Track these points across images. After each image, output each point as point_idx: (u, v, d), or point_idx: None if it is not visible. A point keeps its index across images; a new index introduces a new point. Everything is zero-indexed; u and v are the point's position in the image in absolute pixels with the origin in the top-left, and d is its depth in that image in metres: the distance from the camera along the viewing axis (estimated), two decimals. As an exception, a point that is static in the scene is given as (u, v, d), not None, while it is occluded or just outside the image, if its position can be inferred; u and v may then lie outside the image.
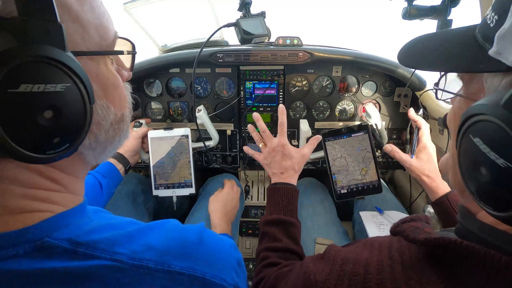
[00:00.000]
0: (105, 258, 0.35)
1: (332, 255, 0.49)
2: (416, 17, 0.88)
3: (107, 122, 0.40)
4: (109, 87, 0.40)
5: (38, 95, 0.29)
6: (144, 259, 0.36)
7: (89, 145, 0.39)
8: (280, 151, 0.85)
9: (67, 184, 0.39)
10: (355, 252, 0.47)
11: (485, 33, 0.35)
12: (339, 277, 0.43)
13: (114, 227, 0.39)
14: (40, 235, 0.33)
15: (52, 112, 0.30)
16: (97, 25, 0.37)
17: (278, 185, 0.81)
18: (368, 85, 1.19)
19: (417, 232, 0.39)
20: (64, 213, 0.37)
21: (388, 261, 0.41)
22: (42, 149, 0.31)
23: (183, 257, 0.38)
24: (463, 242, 0.33)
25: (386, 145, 0.95)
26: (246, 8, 1.04)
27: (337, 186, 0.94)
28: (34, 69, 0.28)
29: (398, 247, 0.42)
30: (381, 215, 0.99)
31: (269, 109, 1.24)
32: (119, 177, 0.98)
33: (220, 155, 1.33)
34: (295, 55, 1.08)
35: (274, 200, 0.79)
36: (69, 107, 0.31)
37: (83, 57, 0.36)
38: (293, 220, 0.75)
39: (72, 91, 0.31)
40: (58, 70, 0.30)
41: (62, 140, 0.32)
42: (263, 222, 0.77)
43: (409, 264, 0.39)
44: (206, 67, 1.17)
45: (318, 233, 0.99)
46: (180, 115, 1.27)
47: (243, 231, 1.26)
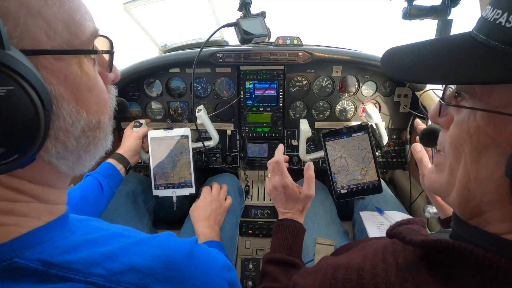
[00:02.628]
0: (79, 280, 0.32)
1: (323, 265, 0.48)
2: (416, 17, 0.87)
3: (77, 129, 0.35)
4: (81, 90, 0.35)
5: None
6: (123, 282, 0.33)
7: (56, 153, 0.34)
8: (282, 191, 0.79)
9: (37, 194, 0.36)
10: (347, 258, 0.46)
11: (502, 37, 0.30)
12: (331, 286, 0.42)
13: (95, 243, 0.36)
14: (8, 255, 0.30)
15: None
16: (67, 22, 0.33)
17: (285, 222, 0.78)
18: (368, 85, 1.19)
19: (414, 234, 0.38)
20: (39, 229, 0.34)
21: (382, 265, 0.40)
22: None
23: (167, 281, 0.36)
24: (462, 244, 0.33)
25: (416, 144, 0.78)
26: (246, 8, 1.04)
27: (337, 186, 0.94)
28: None
29: (393, 250, 0.42)
30: (381, 215, 0.99)
31: (269, 109, 1.24)
32: (119, 177, 0.98)
33: (220, 155, 1.33)
34: (295, 55, 1.08)
35: (279, 238, 0.76)
36: (14, 114, 0.27)
37: (48, 56, 0.32)
38: (296, 261, 0.72)
39: (17, 96, 0.27)
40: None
41: (9, 150, 0.28)
42: (266, 260, 0.74)
43: (404, 267, 0.38)
44: (206, 67, 1.17)
45: (318, 233, 0.99)
46: (180, 115, 1.27)
47: (243, 231, 1.26)
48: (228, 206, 1.08)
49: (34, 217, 0.35)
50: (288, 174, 0.80)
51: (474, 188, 0.34)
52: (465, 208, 0.36)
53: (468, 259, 0.32)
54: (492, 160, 0.32)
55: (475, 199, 0.34)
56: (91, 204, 0.85)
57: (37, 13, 0.30)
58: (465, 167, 0.35)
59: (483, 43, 0.32)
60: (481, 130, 0.32)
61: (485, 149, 0.32)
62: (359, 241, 0.73)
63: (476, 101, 0.34)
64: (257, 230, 1.26)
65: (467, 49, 0.33)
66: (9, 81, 0.27)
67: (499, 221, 0.33)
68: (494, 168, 0.32)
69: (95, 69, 0.39)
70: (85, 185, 0.87)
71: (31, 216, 0.35)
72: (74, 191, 0.84)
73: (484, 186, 0.33)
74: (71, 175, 0.40)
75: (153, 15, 1.15)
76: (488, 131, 0.32)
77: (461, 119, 0.36)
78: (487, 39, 0.31)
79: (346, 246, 0.75)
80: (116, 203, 1.01)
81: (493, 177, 0.32)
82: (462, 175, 0.35)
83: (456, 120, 0.37)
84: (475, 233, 0.36)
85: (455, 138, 0.36)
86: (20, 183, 0.34)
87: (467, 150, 0.34)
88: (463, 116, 0.36)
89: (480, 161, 0.33)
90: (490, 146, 0.32)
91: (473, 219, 0.36)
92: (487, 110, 0.32)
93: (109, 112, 0.42)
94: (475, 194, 0.34)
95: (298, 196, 0.79)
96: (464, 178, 0.35)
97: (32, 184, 0.35)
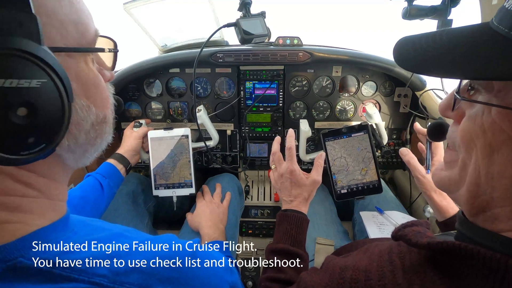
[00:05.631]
0: (83, 280, 0.32)
1: (331, 265, 0.48)
2: (416, 17, 0.87)
3: (88, 122, 0.37)
4: (89, 86, 0.38)
5: (10, 90, 0.27)
6: (126, 282, 0.34)
7: (67, 146, 0.36)
8: (289, 178, 0.79)
9: (43, 189, 0.36)
10: (353, 260, 0.46)
11: None
12: (339, 285, 0.42)
13: (98, 244, 0.37)
14: (13, 255, 0.30)
15: (26, 110, 0.28)
16: (76, 22, 0.35)
17: (288, 212, 0.77)
18: (368, 85, 1.19)
19: (420, 236, 0.38)
20: (43, 229, 0.34)
21: (389, 267, 0.40)
22: (16, 149, 0.28)
23: (170, 282, 0.36)
24: (468, 246, 0.32)
25: (403, 148, 0.86)
26: (246, 8, 1.04)
27: (337, 186, 0.94)
28: (4, 62, 0.26)
29: (398, 251, 0.42)
30: (381, 215, 0.99)
31: (269, 109, 1.24)
32: (120, 177, 0.98)
33: (220, 155, 1.33)
34: (295, 55, 1.08)
35: (282, 228, 0.75)
36: (46, 105, 0.29)
37: (61, 53, 0.33)
38: (300, 252, 0.71)
39: (49, 88, 0.29)
40: (33, 65, 0.28)
41: (38, 140, 0.30)
42: (269, 250, 0.73)
43: (410, 269, 0.38)
44: (206, 67, 1.17)
45: (319, 233, 0.99)
46: (180, 115, 1.27)
47: (243, 231, 1.26)
48: (227, 204, 1.09)
49: (39, 214, 0.35)
50: (296, 161, 0.81)
51: (484, 184, 0.34)
52: (473, 204, 0.36)
53: (475, 261, 0.32)
54: (505, 157, 0.31)
55: (485, 195, 0.34)
56: (91, 204, 0.85)
57: (52, 12, 0.32)
58: (476, 163, 0.34)
59: (506, 36, 0.30)
60: (496, 126, 0.32)
61: (498, 145, 0.32)
62: (360, 243, 0.73)
63: (492, 96, 0.33)
64: (257, 230, 1.26)
65: (489, 41, 0.31)
66: (43, 74, 0.29)
67: (508, 218, 0.33)
68: (507, 165, 0.31)
69: (95, 67, 0.40)
70: (86, 185, 0.87)
71: (37, 213, 0.35)
72: (75, 191, 0.84)
73: (495, 183, 0.33)
74: (74, 169, 0.42)
75: (153, 15, 1.15)
76: (503, 127, 0.31)
77: (474, 114, 0.34)
78: (509, 31, 0.29)
79: (347, 247, 0.74)
80: (116, 203, 1.01)
81: (505, 174, 0.32)
82: (473, 170, 0.35)
83: (469, 114, 0.35)
84: (481, 234, 0.35)
85: (467, 132, 0.35)
86: (30, 176, 0.34)
87: (479, 146, 0.33)
88: (476, 110, 0.34)
89: (493, 157, 0.32)
90: (504, 143, 0.31)
91: (479, 216, 0.36)
92: (505, 107, 0.31)
93: (111, 107, 0.44)
94: (485, 190, 0.34)
95: (305, 182, 0.79)
96: (475, 174, 0.34)
97: (40, 177, 0.36)
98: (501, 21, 0.31)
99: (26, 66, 0.28)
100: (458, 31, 0.34)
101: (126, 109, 1.27)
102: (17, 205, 0.33)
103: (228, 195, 1.12)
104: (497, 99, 0.32)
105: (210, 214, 1.00)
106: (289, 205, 0.79)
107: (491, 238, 0.34)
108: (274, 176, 0.84)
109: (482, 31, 0.32)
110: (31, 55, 0.28)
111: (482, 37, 0.32)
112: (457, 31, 0.34)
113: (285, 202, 0.81)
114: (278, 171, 0.82)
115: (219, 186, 1.14)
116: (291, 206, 0.78)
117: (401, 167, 1.31)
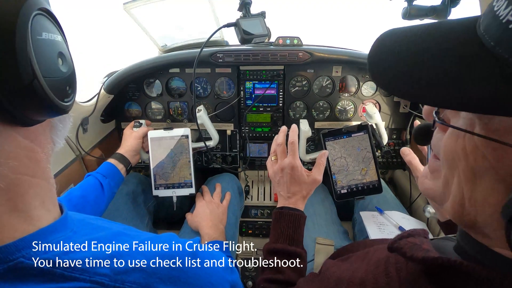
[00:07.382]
0: (84, 280, 0.32)
1: (327, 275, 0.47)
2: (416, 17, 0.87)
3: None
4: None
5: (52, 42, 0.32)
6: (128, 281, 0.34)
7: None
8: (289, 173, 0.77)
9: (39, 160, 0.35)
10: (350, 270, 0.45)
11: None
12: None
13: (98, 243, 0.37)
14: (15, 255, 0.30)
15: (61, 60, 0.33)
16: None
17: (285, 209, 0.75)
18: (368, 85, 1.19)
19: (415, 249, 0.37)
20: (44, 229, 0.34)
21: (385, 278, 0.39)
22: (62, 97, 0.33)
23: (171, 281, 0.36)
24: (463, 263, 0.31)
25: (404, 148, 0.81)
26: (246, 8, 1.04)
27: (337, 186, 0.94)
28: (42, 19, 0.31)
29: (395, 262, 0.41)
30: (382, 215, 0.99)
31: (269, 109, 1.24)
32: (120, 177, 0.98)
33: (220, 155, 1.33)
34: (295, 55, 1.08)
35: (279, 227, 0.74)
36: (68, 58, 0.35)
37: None
38: (299, 250, 0.70)
39: (65, 44, 0.35)
40: (54, 22, 0.33)
41: (71, 88, 0.35)
42: (266, 250, 0.72)
43: (406, 282, 0.37)
44: (206, 67, 1.17)
45: (318, 233, 0.99)
46: (180, 115, 1.27)
47: (243, 231, 1.26)
48: (227, 204, 1.09)
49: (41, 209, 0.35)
50: (298, 157, 0.79)
51: (469, 207, 0.32)
52: (459, 221, 0.34)
53: (470, 280, 0.31)
54: (488, 185, 0.29)
55: (470, 215, 0.32)
56: (91, 203, 0.85)
57: None
58: (459, 185, 0.32)
59: (491, 51, 0.25)
60: (479, 152, 0.29)
61: (481, 172, 0.29)
62: (361, 244, 0.73)
63: (475, 117, 0.29)
64: (257, 230, 1.26)
65: (472, 57, 0.26)
66: (58, 30, 0.35)
67: (497, 237, 0.31)
68: (490, 194, 0.29)
69: None
70: (86, 185, 0.87)
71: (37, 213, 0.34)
72: (75, 190, 0.84)
73: (479, 208, 0.31)
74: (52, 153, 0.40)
75: (153, 15, 1.15)
76: (486, 154, 0.28)
77: (457, 133, 0.32)
78: (495, 46, 0.25)
79: (347, 249, 0.74)
80: (116, 203, 1.01)
81: (489, 202, 0.29)
82: (456, 191, 0.32)
83: (451, 131, 0.33)
84: (477, 248, 0.34)
85: (450, 151, 0.32)
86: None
87: (461, 168, 0.31)
88: (460, 135, 0.31)
89: (476, 182, 0.30)
90: (487, 170, 0.29)
91: (470, 230, 0.35)
92: (484, 137, 0.28)
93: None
94: (469, 212, 0.32)
95: (305, 179, 0.77)
96: (459, 195, 0.32)
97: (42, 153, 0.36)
98: (487, 29, 0.26)
99: (50, 23, 0.33)
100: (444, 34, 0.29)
101: (126, 109, 1.27)
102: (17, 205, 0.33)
103: (228, 195, 1.12)
104: (481, 122, 0.29)
105: (210, 214, 1.00)
106: (286, 201, 0.78)
107: (485, 254, 0.33)
108: (274, 168, 0.81)
109: (469, 40, 0.27)
110: (50, 14, 0.33)
111: (470, 50, 0.27)
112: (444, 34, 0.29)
113: (282, 197, 0.79)
114: (279, 164, 0.79)
115: (219, 186, 1.14)
116: (288, 203, 0.77)
117: (401, 167, 1.31)
